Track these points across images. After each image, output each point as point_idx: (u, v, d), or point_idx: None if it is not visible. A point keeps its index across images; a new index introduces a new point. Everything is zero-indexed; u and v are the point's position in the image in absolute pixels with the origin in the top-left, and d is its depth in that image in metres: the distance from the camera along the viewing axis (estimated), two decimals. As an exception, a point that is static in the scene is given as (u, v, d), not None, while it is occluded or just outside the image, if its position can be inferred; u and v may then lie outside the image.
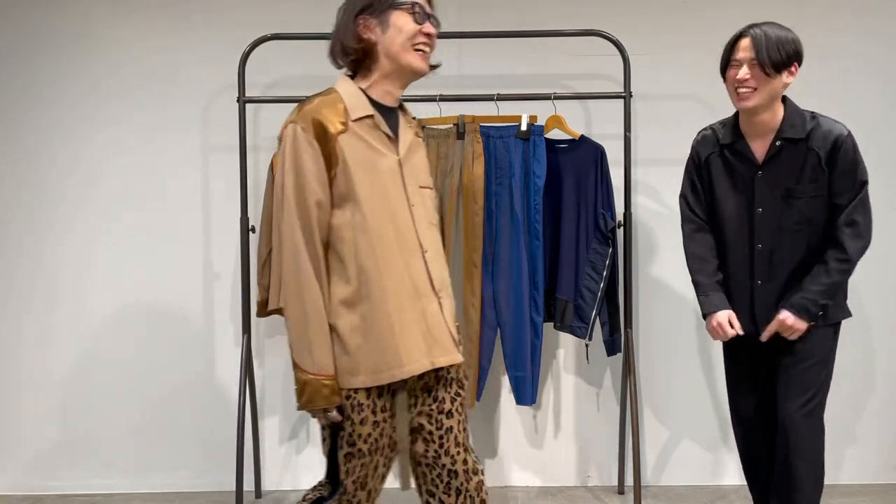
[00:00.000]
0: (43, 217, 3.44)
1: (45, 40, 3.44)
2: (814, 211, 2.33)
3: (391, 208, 1.83)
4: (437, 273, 1.89)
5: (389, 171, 1.85)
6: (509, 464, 3.50)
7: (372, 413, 1.81)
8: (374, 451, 1.83)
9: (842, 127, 2.31)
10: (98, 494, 3.43)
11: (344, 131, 1.80)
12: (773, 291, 2.36)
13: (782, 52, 2.24)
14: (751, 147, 2.36)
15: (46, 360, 3.45)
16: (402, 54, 1.87)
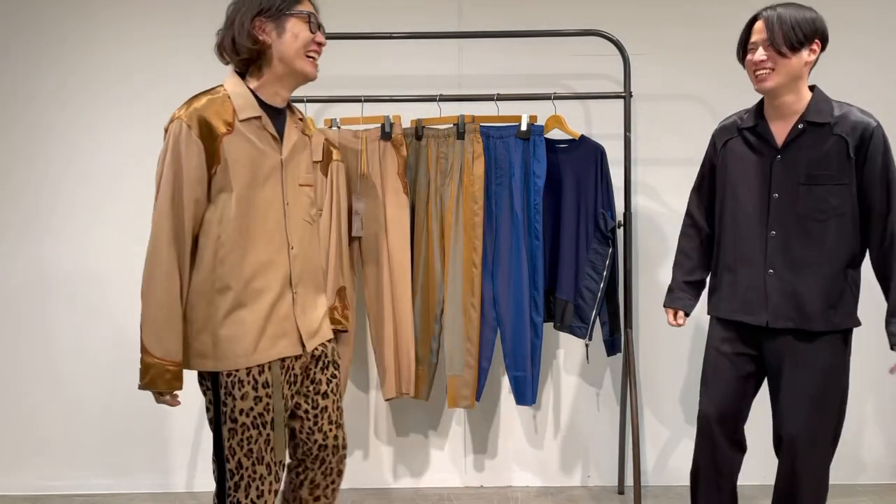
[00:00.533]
0: (45, 218, 3.44)
1: (46, 42, 3.44)
2: (839, 200, 2.21)
3: (263, 207, 1.93)
4: (298, 269, 2.00)
5: (270, 170, 1.94)
6: (509, 464, 3.51)
7: (252, 388, 1.91)
8: (258, 425, 1.91)
9: (871, 117, 2.23)
10: (98, 494, 3.43)
11: (229, 133, 1.88)
12: (786, 281, 2.25)
13: (797, 29, 2.17)
14: (771, 129, 2.28)
15: (46, 361, 3.45)
16: (296, 60, 1.96)
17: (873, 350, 3.50)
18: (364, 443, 3.50)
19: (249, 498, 1.92)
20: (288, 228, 1.98)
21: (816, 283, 2.25)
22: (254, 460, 1.92)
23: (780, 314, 2.27)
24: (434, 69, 3.45)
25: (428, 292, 3.16)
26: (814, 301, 2.25)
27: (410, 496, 3.39)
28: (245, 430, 1.91)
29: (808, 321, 2.25)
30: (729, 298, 2.37)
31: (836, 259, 2.25)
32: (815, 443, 2.25)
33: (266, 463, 1.94)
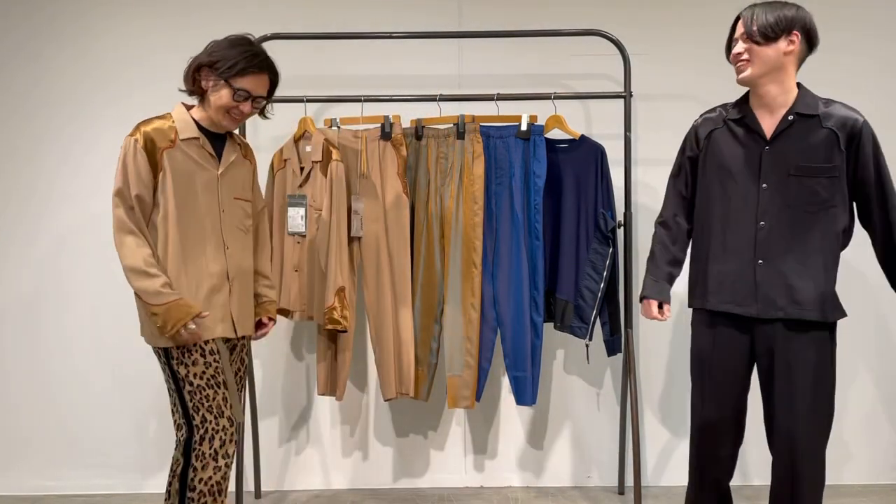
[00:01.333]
0: (46, 218, 3.45)
1: (44, 40, 3.44)
2: (829, 193, 2.24)
3: (202, 211, 2.33)
4: (234, 266, 2.39)
5: (206, 182, 2.35)
6: (509, 464, 3.51)
7: (201, 356, 2.29)
8: (213, 385, 2.29)
9: (858, 113, 2.28)
10: (98, 494, 3.43)
11: (171, 147, 2.30)
12: (776, 272, 2.27)
13: (772, 21, 2.24)
14: (759, 121, 2.32)
15: (47, 361, 3.45)
16: (217, 113, 2.36)
17: (873, 350, 3.51)
18: (364, 443, 3.50)
19: (213, 448, 2.27)
20: (223, 232, 2.38)
21: (807, 274, 2.26)
22: (215, 415, 2.28)
23: (769, 304, 2.28)
24: (434, 69, 3.45)
25: (428, 292, 3.16)
26: (804, 291, 2.26)
27: (410, 496, 3.39)
28: (202, 390, 2.28)
29: (800, 311, 2.26)
30: (717, 290, 2.36)
31: (825, 251, 2.28)
32: (812, 435, 2.27)
33: (227, 417, 2.30)
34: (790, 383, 2.26)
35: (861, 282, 3.47)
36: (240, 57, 2.30)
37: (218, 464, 2.28)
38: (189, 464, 2.26)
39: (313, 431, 3.49)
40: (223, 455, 2.29)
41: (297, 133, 3.18)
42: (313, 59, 3.41)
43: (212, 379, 2.29)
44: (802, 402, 2.25)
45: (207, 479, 2.27)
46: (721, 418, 2.37)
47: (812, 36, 2.29)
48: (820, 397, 2.27)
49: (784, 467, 2.31)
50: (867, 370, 3.49)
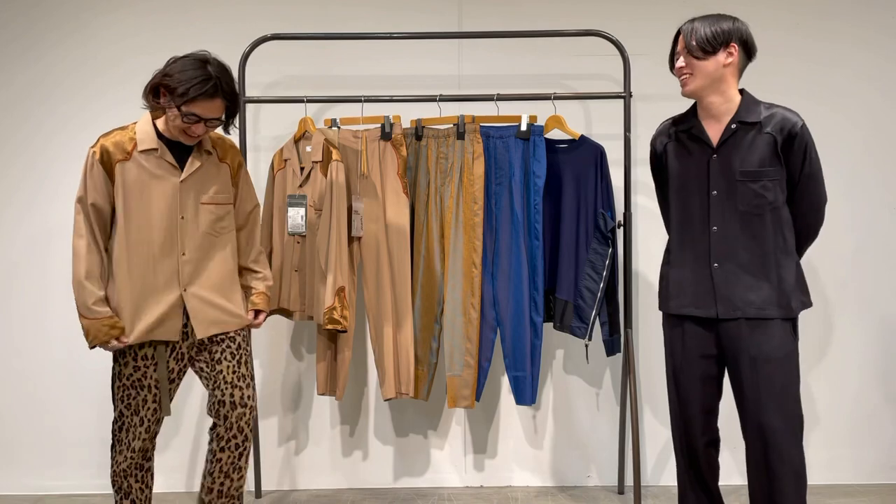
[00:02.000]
0: (46, 217, 3.45)
1: (43, 39, 3.45)
2: (773, 194, 2.35)
3: (153, 220, 2.40)
4: (189, 271, 2.45)
5: (164, 191, 2.42)
6: (509, 464, 3.51)
7: (133, 360, 2.45)
8: (137, 387, 2.45)
9: (797, 116, 2.36)
10: (98, 494, 3.43)
11: (126, 160, 2.39)
12: (732, 273, 2.36)
13: (709, 35, 2.33)
14: (706, 130, 2.42)
15: (47, 361, 3.45)
16: (175, 132, 2.42)
17: (873, 349, 3.51)
18: (364, 443, 3.50)
19: (127, 438, 2.48)
20: (182, 238, 2.44)
21: (761, 273, 2.36)
22: (131, 412, 2.47)
23: (729, 305, 2.37)
24: (434, 69, 3.45)
25: (428, 292, 3.16)
26: (760, 290, 2.35)
27: (410, 496, 3.39)
28: (125, 389, 2.47)
29: (757, 309, 2.34)
30: (678, 294, 2.48)
31: (776, 249, 2.36)
32: (781, 425, 2.32)
33: (140, 416, 2.46)
34: (756, 377, 2.33)
35: (860, 281, 3.48)
36: (190, 83, 2.31)
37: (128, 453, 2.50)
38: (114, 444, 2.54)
39: (313, 431, 3.49)
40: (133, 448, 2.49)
41: (298, 133, 3.18)
42: (313, 59, 3.41)
43: (137, 382, 2.45)
44: (769, 394, 2.32)
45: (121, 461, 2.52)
46: (694, 414, 2.47)
47: (749, 46, 2.40)
48: (786, 388, 2.34)
49: (756, 459, 2.37)
50: (866, 369, 3.49)
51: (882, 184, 3.48)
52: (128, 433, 2.48)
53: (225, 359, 2.49)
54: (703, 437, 2.48)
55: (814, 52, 3.45)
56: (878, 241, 3.48)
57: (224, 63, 2.42)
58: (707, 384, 2.46)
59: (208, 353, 2.50)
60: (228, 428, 2.47)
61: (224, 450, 2.48)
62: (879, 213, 3.48)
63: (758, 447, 2.35)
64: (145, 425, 2.47)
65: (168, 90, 2.34)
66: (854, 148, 3.46)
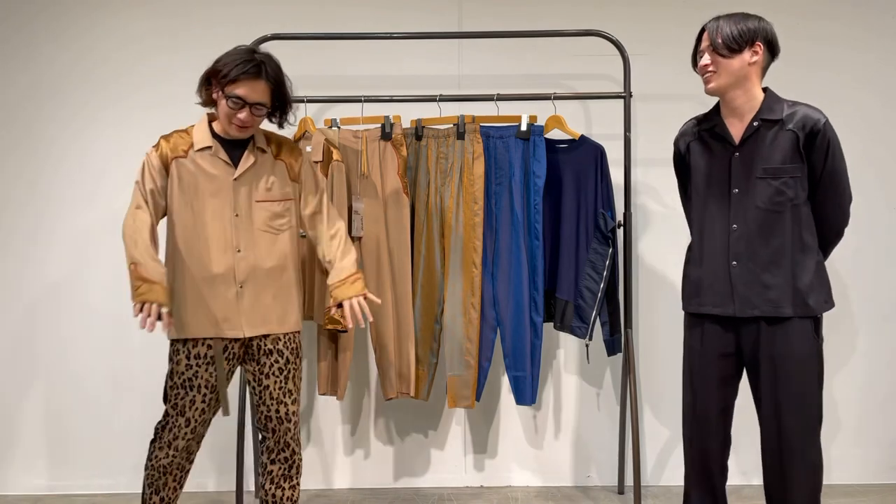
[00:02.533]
0: (45, 218, 3.45)
1: (45, 41, 3.45)
2: (794, 192, 2.33)
3: (210, 216, 2.44)
4: (245, 268, 2.45)
5: (217, 189, 2.46)
6: (509, 464, 3.51)
7: (186, 358, 2.44)
8: (187, 387, 2.44)
9: (820, 114, 2.35)
10: (98, 494, 3.43)
11: (181, 157, 2.47)
12: (750, 272, 2.35)
13: (735, 33, 2.33)
14: (728, 128, 2.41)
15: (46, 361, 3.45)
16: (225, 124, 2.46)
17: (872, 349, 3.51)
18: (364, 443, 3.50)
19: (167, 438, 2.47)
20: (236, 235, 2.45)
21: (779, 272, 2.34)
22: (177, 412, 2.46)
23: (747, 304, 2.36)
24: (434, 69, 3.45)
25: (428, 292, 3.16)
26: (777, 288, 2.33)
27: (410, 496, 3.39)
28: (175, 388, 2.46)
29: (775, 308, 2.33)
30: (697, 293, 2.46)
31: (794, 248, 2.35)
32: (797, 426, 2.32)
33: (186, 417, 2.46)
34: (774, 377, 2.32)
35: (859, 281, 3.48)
36: (234, 64, 2.36)
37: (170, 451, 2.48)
38: (155, 439, 2.51)
39: (313, 431, 3.49)
40: (175, 447, 2.48)
41: (298, 133, 3.18)
42: (313, 59, 3.41)
43: (187, 382, 2.44)
44: (786, 395, 2.31)
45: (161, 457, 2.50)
46: (709, 413, 2.45)
47: (774, 45, 2.40)
48: (805, 389, 2.32)
49: (772, 459, 2.36)
50: (866, 369, 3.49)
51: (884, 184, 3.47)
52: (170, 432, 2.47)
53: (273, 373, 2.50)
54: (716, 437, 2.46)
55: (812, 53, 3.45)
56: (879, 240, 3.48)
57: (275, 58, 2.47)
58: (724, 384, 2.44)
59: (257, 364, 2.51)
60: (276, 442, 2.55)
61: (275, 462, 2.57)
62: (882, 214, 3.48)
63: (774, 447, 2.34)
64: (191, 426, 2.46)
65: (216, 77, 2.39)
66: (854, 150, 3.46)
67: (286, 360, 2.52)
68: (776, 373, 2.32)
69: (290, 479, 2.59)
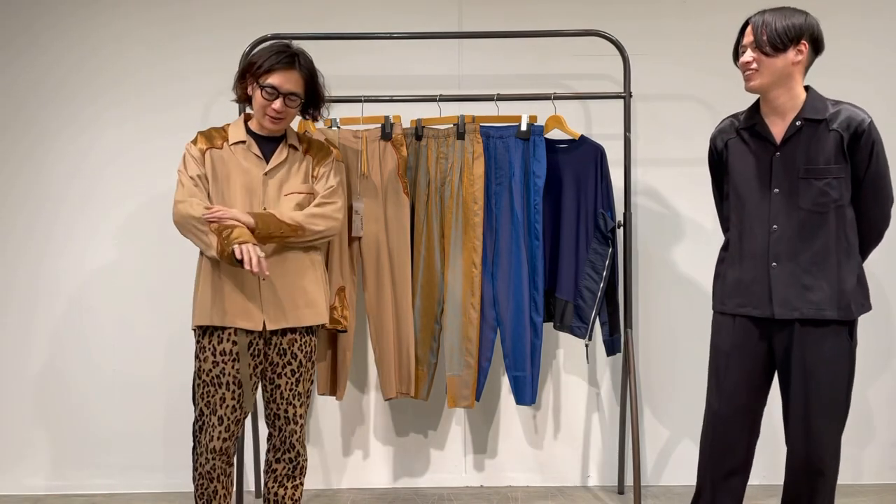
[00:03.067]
0: (45, 218, 3.45)
1: (46, 42, 3.45)
2: (838, 193, 2.29)
3: (240, 208, 2.45)
4: (270, 261, 2.44)
5: (248, 182, 2.50)
6: (509, 464, 3.51)
7: (212, 355, 2.46)
8: (217, 385, 2.45)
9: (865, 113, 2.30)
10: (98, 494, 3.43)
11: (216, 148, 2.52)
12: (790, 273, 2.30)
13: (780, 31, 2.26)
14: (769, 127, 2.35)
15: (47, 361, 3.45)
16: (259, 116, 2.53)
17: (873, 349, 3.50)
18: (364, 443, 3.50)
19: (205, 439, 2.47)
20: None
21: (820, 274, 2.30)
22: (210, 411, 2.46)
23: (786, 305, 2.31)
24: (434, 69, 3.45)
25: (428, 292, 3.16)
26: (819, 290, 2.29)
27: (410, 496, 3.39)
28: (205, 386, 2.46)
29: (816, 310, 2.29)
30: (734, 293, 2.41)
31: (838, 249, 2.31)
32: (826, 430, 2.30)
33: (219, 415, 2.45)
34: (806, 380, 2.29)
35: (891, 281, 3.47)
36: (268, 55, 2.47)
37: (208, 455, 2.49)
38: (195, 445, 2.52)
39: (313, 431, 3.49)
40: (212, 450, 2.48)
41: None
42: (313, 59, 3.41)
43: (217, 378, 2.45)
44: (817, 399, 2.28)
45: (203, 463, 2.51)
46: (735, 414, 2.41)
47: (819, 42, 2.33)
48: (836, 394, 2.30)
49: (799, 462, 2.34)
50: (866, 369, 3.49)
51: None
52: (206, 433, 2.47)
53: (285, 374, 2.53)
54: (741, 434, 2.42)
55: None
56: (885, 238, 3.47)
57: (307, 52, 2.57)
58: (754, 384, 2.40)
59: (270, 364, 2.53)
60: (283, 441, 2.58)
61: (280, 461, 2.60)
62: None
63: (800, 450, 2.32)
64: (224, 424, 2.47)
65: (251, 71, 2.47)
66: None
67: (299, 362, 2.55)
68: (809, 375, 2.28)
69: (294, 479, 2.61)
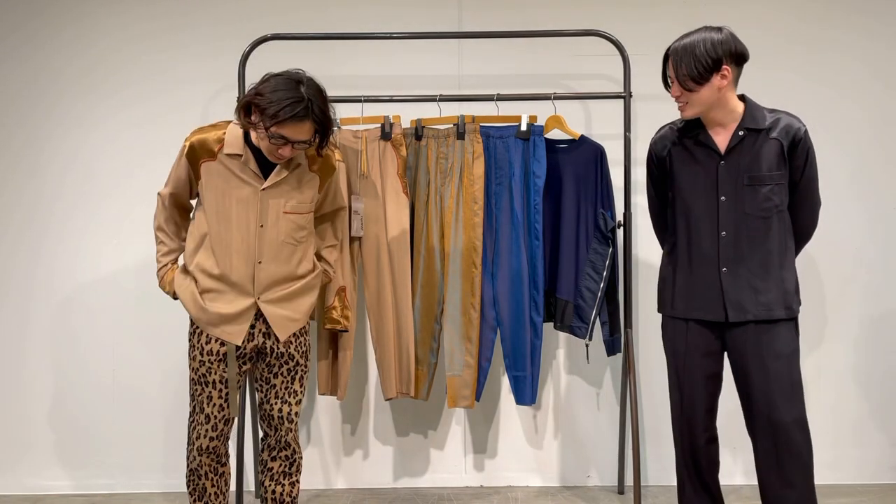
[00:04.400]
0: (42, 215, 3.45)
1: (45, 40, 3.45)
2: (780, 198, 2.39)
3: (235, 224, 2.42)
4: (264, 279, 2.45)
5: (243, 198, 2.43)
6: (509, 464, 3.51)
7: (200, 354, 2.46)
8: (203, 383, 2.46)
9: (800, 122, 2.40)
10: (98, 494, 3.43)
11: (210, 160, 2.43)
12: (740, 277, 2.39)
13: (698, 65, 2.32)
14: (713, 137, 2.43)
15: (47, 360, 3.45)
16: (264, 149, 2.40)
17: (871, 349, 3.50)
18: (364, 443, 3.50)
19: (192, 438, 2.50)
20: (259, 246, 2.43)
21: (768, 276, 2.39)
22: (199, 409, 2.48)
23: (738, 308, 2.40)
24: (434, 69, 3.45)
25: (428, 292, 3.16)
26: (768, 292, 2.39)
27: (410, 496, 3.39)
28: (194, 384, 2.49)
29: (768, 311, 2.38)
30: (685, 297, 2.49)
31: (780, 252, 2.41)
32: (797, 425, 2.36)
33: (206, 413, 2.46)
34: (765, 374, 2.37)
35: (859, 284, 3.47)
36: (281, 105, 2.26)
37: (194, 454, 2.50)
38: (188, 441, 2.53)
39: (313, 431, 3.49)
40: (198, 448, 2.49)
41: (298, 133, 3.18)
42: (313, 59, 3.39)
43: (203, 378, 2.46)
44: (779, 391, 2.36)
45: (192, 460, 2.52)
46: (697, 411, 2.51)
47: (741, 56, 2.38)
48: (794, 384, 2.38)
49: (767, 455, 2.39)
50: (865, 369, 3.49)
51: (889, 184, 3.47)
52: (195, 431, 2.49)
53: (281, 374, 2.53)
54: (704, 433, 2.52)
55: (811, 45, 3.45)
56: (881, 241, 3.48)
57: (319, 84, 2.37)
58: (710, 382, 2.50)
59: (267, 366, 2.53)
60: (278, 440, 2.57)
61: (275, 459, 2.60)
62: (886, 214, 3.48)
63: (769, 443, 2.38)
64: (211, 423, 2.46)
65: (259, 109, 2.31)
66: (860, 147, 3.46)
67: (296, 362, 2.55)
68: (768, 370, 2.36)
69: (290, 476, 2.62)
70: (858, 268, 3.48)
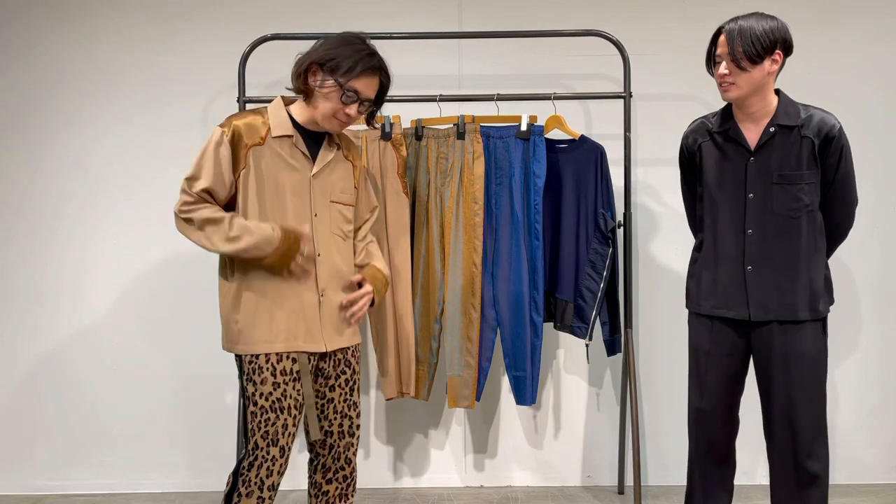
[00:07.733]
0: (47, 217, 3.45)
1: (46, 42, 3.45)
2: (810, 198, 2.34)
3: (288, 216, 2.19)
4: (325, 275, 2.23)
5: (297, 184, 2.22)
6: (509, 464, 3.51)
7: (271, 375, 2.15)
8: (277, 410, 2.15)
9: (835, 119, 2.35)
10: (98, 494, 3.43)
11: (259, 145, 2.17)
12: (765, 276, 2.35)
13: (756, 44, 2.27)
14: (743, 133, 2.39)
15: (48, 360, 3.45)
16: (322, 113, 2.20)
17: (872, 349, 3.51)
18: (364, 443, 3.50)
19: (259, 476, 2.14)
20: (315, 238, 2.22)
21: (794, 276, 2.35)
22: (269, 442, 2.14)
23: (762, 308, 2.36)
24: (434, 69, 3.45)
25: (428, 292, 3.16)
26: (795, 292, 2.35)
27: (410, 496, 3.39)
28: (265, 413, 2.14)
29: (792, 312, 2.34)
30: (710, 295, 2.46)
31: (808, 252, 2.36)
32: (815, 427, 2.35)
33: (280, 446, 2.15)
34: (788, 375, 2.34)
35: (861, 281, 3.47)
36: (355, 56, 2.15)
37: (262, 494, 2.15)
38: (235, 487, 2.15)
39: (313, 431, 3.49)
40: (269, 487, 2.16)
41: (298, 133, 3.18)
42: (313, 59, 3.41)
43: (276, 402, 2.15)
44: (800, 391, 2.33)
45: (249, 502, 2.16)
46: (716, 409, 2.47)
47: (791, 46, 2.36)
48: (817, 387, 2.36)
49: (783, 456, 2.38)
50: (866, 369, 3.49)
51: (890, 183, 3.47)
52: (264, 469, 2.14)
53: (339, 385, 2.30)
54: (724, 430, 2.48)
55: (811, 45, 3.45)
56: (882, 240, 3.48)
57: None
58: (731, 382, 2.45)
59: (323, 377, 2.28)
60: (336, 458, 2.33)
61: (332, 481, 2.34)
62: (886, 213, 3.48)
63: (787, 444, 2.36)
64: (285, 456, 2.17)
65: (330, 69, 2.15)
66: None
67: (353, 370, 2.33)
68: (790, 371, 2.33)
69: (347, 498, 2.37)
70: (859, 269, 3.47)
